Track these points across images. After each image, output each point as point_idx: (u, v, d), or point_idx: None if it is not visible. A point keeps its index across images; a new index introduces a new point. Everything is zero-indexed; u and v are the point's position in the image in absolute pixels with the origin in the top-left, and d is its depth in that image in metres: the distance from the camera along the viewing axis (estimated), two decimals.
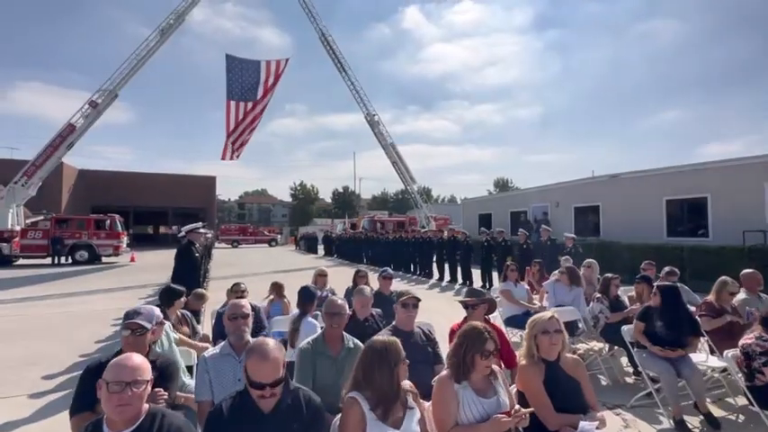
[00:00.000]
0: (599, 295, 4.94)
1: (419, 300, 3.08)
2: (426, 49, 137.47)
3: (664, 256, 11.35)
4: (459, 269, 12.76)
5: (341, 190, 73.22)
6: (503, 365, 2.90)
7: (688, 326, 3.93)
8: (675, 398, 3.57)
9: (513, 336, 5.38)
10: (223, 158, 23.33)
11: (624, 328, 4.17)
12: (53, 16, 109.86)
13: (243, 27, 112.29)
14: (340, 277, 13.95)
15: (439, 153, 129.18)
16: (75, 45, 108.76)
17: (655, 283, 4.39)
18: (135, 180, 39.30)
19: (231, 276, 11.88)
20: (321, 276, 5.34)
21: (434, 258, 14.19)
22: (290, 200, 80.00)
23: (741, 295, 4.84)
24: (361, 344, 2.82)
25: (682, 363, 3.69)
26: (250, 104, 23.19)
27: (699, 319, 4.51)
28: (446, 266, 13.70)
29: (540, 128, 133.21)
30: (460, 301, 3.48)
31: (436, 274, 14.08)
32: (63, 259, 19.67)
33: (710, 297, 4.61)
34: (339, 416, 1.99)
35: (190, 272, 5.51)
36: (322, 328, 3.24)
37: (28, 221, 21.46)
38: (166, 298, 3.67)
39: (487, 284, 11.19)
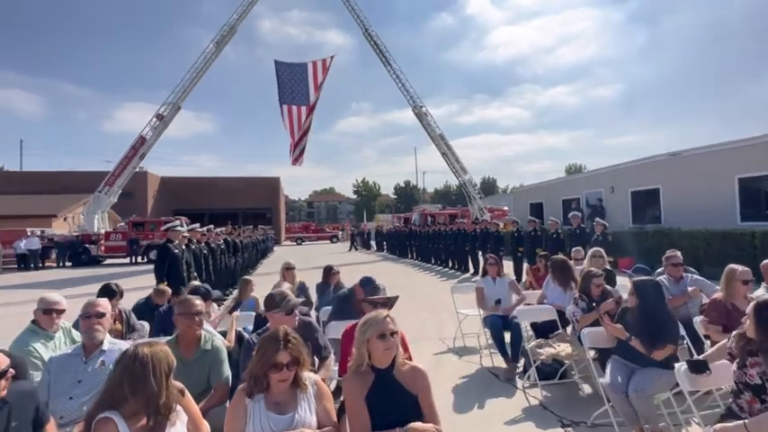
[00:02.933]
0: (577, 295, 4.29)
1: None
2: (491, 34, 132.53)
3: (731, 243, 9.77)
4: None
5: (402, 185, 73.26)
6: None
7: (664, 330, 3.14)
8: (630, 417, 2.96)
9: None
10: (293, 163, 24.33)
11: (584, 331, 3.56)
12: (147, 40, 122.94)
13: (308, 32, 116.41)
14: (373, 272, 13.84)
15: (510, 141, 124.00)
16: (167, 64, 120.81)
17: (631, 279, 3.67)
18: (209, 185, 42.65)
19: (273, 272, 12.33)
20: (288, 270, 5.25)
21: (467, 251, 13.58)
22: (354, 197, 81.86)
23: (760, 291, 3.94)
24: (220, 344, 2.69)
25: (638, 373, 3.04)
26: (303, 108, 23.87)
27: (701, 320, 3.75)
28: (479, 259, 13.05)
29: (621, 107, 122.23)
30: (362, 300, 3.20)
31: (472, 268, 13.51)
32: (139, 258, 21.95)
33: (719, 293, 3.79)
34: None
35: (170, 268, 5.76)
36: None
37: (119, 225, 24.31)
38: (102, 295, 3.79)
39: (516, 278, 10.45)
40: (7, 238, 20.58)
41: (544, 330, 4.61)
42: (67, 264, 21.06)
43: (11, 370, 1.73)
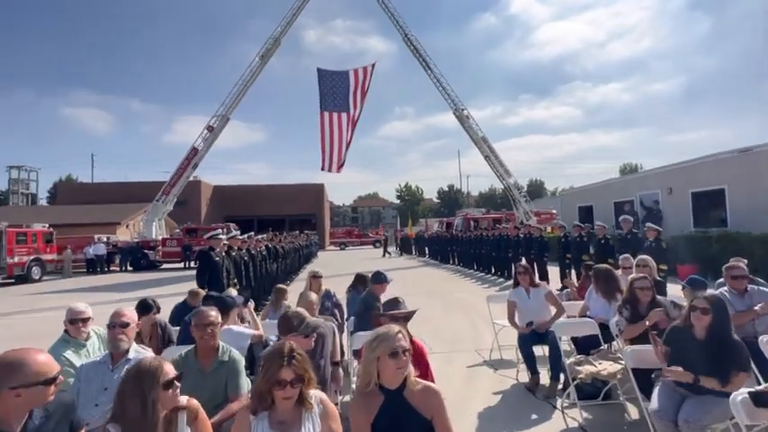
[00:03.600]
0: (619, 303, 3.96)
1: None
2: (537, 32, 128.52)
3: None
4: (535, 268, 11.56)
5: (446, 189, 72.40)
6: None
7: (729, 357, 2.73)
8: None
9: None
10: (322, 169, 24.60)
11: (628, 348, 3.25)
12: (201, 57, 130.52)
13: (351, 40, 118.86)
14: (411, 278, 13.87)
15: (559, 142, 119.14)
16: (219, 79, 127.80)
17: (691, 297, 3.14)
18: (257, 192, 44.33)
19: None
20: (315, 279, 5.24)
21: (510, 257, 13.09)
22: (398, 202, 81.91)
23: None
24: (238, 356, 2.70)
25: (690, 400, 2.71)
26: (344, 115, 24.15)
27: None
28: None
29: (681, 102, 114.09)
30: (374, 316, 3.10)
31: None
32: (192, 263, 23.13)
33: None
34: None
35: (210, 275, 5.97)
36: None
37: (174, 232, 25.86)
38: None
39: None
40: (78, 244, 22.44)
41: (586, 346, 4.28)
42: (129, 268, 22.59)
43: (60, 377, 1.80)
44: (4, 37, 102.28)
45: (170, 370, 1.80)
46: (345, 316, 5.08)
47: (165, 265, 23.56)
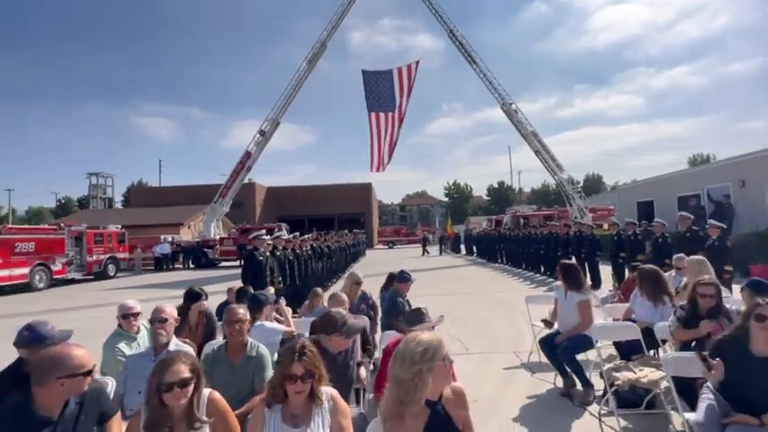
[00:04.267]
0: (681, 303, 3.65)
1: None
2: (593, 18, 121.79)
3: None
4: (586, 268, 11.01)
5: (496, 185, 70.56)
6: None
7: None
8: None
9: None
10: (371, 170, 24.96)
11: (669, 356, 3.04)
12: (254, 63, 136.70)
13: (398, 38, 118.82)
14: (457, 277, 13.50)
15: (618, 133, 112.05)
16: (271, 84, 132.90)
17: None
18: (308, 192, 45.72)
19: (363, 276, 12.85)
20: (356, 285, 5.30)
21: (560, 256, 12.55)
22: (446, 199, 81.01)
23: None
24: (265, 351, 2.85)
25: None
26: (390, 115, 24.28)
27: None
28: None
29: (762, 84, 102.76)
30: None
31: None
32: None
33: None
34: None
35: (254, 274, 6.30)
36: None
37: (231, 231, 27.39)
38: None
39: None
40: (147, 243, 24.41)
41: (628, 351, 4.06)
42: (191, 266, 24.21)
43: (96, 367, 2.06)
44: (76, 54, 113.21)
45: (177, 371, 1.88)
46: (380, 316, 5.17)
47: (222, 263, 24.99)
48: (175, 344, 2.89)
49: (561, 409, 3.94)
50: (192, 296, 4.20)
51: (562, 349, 4.09)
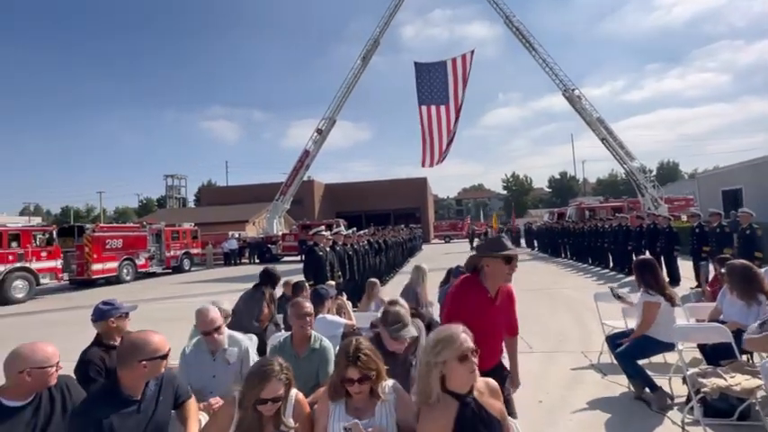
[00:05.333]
0: None
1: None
2: None
3: None
4: (662, 263, 10.17)
5: (558, 176, 67.24)
6: None
7: None
8: None
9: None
10: (423, 165, 24.68)
11: (767, 362, 2.73)
12: (309, 64, 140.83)
13: (450, 29, 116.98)
14: (522, 272, 12.78)
15: (698, 115, 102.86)
16: (327, 83, 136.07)
17: None
18: (365, 188, 46.39)
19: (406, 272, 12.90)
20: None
21: (631, 250, 11.71)
22: (504, 192, 78.61)
23: None
24: (329, 344, 2.93)
25: None
26: (443, 108, 23.85)
27: None
28: None
29: None
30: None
31: None
32: None
33: None
34: None
35: (315, 269, 6.51)
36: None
37: (292, 227, 28.58)
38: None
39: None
40: (217, 239, 26.12)
41: (716, 355, 3.70)
42: (256, 261, 25.56)
43: (171, 352, 2.24)
44: (147, 65, 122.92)
45: (274, 389, 1.93)
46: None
47: (285, 258, 26.12)
48: (229, 338, 2.94)
49: (637, 414, 3.68)
50: (267, 276, 4.51)
51: (619, 353, 3.84)
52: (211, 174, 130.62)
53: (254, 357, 2.96)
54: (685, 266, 10.06)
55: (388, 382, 2.07)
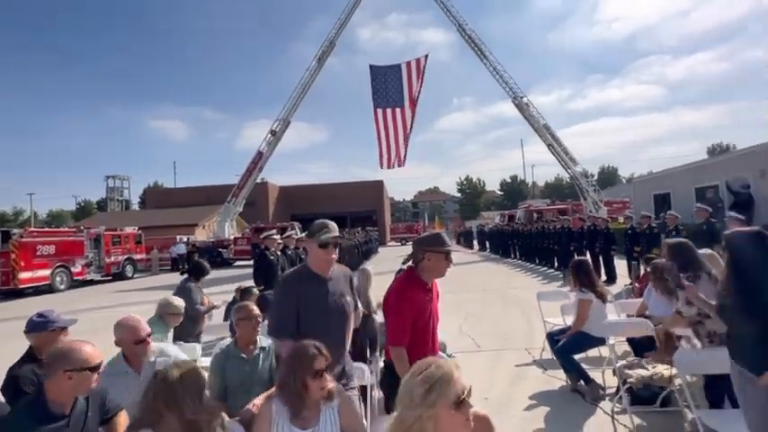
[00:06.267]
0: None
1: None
2: (604, 8, 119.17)
3: None
4: (600, 262, 10.86)
5: (509, 180, 69.96)
6: None
7: None
8: None
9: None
10: (382, 167, 24.83)
11: (680, 353, 2.99)
12: (264, 63, 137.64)
13: (406, 34, 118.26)
14: (468, 274, 13.30)
15: (635, 124, 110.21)
16: (282, 83, 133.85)
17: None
18: (320, 191, 45.95)
19: (376, 273, 12.90)
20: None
21: (573, 250, 12.39)
22: (458, 195, 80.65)
23: None
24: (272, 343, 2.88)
25: None
26: (398, 110, 24.11)
27: None
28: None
29: None
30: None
31: None
32: None
33: None
34: None
35: (266, 274, 6.38)
36: None
37: (245, 231, 27.73)
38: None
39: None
40: (164, 244, 24.87)
41: (642, 348, 4.01)
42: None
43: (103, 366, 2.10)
44: (94, 59, 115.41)
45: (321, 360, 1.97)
46: None
47: (237, 263, 25.29)
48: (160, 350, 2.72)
49: (573, 406, 3.91)
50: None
51: (557, 348, 4.09)
52: (158, 175, 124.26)
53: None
54: (621, 265, 10.79)
55: (335, 385, 2.04)
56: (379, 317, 3.84)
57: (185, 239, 25.91)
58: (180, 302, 3.79)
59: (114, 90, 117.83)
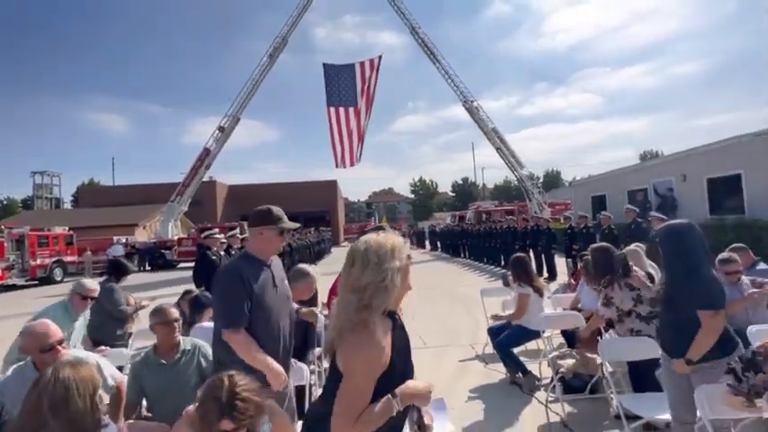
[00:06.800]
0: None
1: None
2: (550, 19, 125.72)
3: None
4: (543, 260, 11.40)
5: (460, 182, 71.89)
6: None
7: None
8: None
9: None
10: (337, 166, 24.62)
11: (603, 341, 3.18)
12: (214, 58, 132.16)
13: (361, 35, 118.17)
14: (424, 272, 13.60)
15: (577, 131, 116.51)
16: (233, 79, 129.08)
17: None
18: (272, 190, 44.67)
19: (328, 273, 12.69)
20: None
21: (518, 249, 12.93)
22: (412, 196, 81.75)
23: None
24: (203, 344, 2.72)
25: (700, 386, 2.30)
26: (352, 110, 24.02)
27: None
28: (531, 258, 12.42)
29: (709, 85, 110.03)
30: None
31: None
32: None
33: None
34: None
35: (208, 274, 6.07)
36: None
37: (190, 231, 26.42)
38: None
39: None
40: (98, 245, 23.12)
41: (574, 339, 4.23)
42: (147, 268, 23.18)
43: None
44: (25, 46, 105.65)
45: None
46: None
47: (181, 264, 24.08)
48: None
49: (511, 397, 4.04)
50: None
51: (497, 342, 4.23)
52: (94, 172, 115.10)
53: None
54: (562, 263, 11.38)
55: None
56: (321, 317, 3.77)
57: (123, 240, 24.29)
58: (92, 285, 3.58)
59: (42, 78, 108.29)
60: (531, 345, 4.87)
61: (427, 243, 29.63)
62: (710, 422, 2.15)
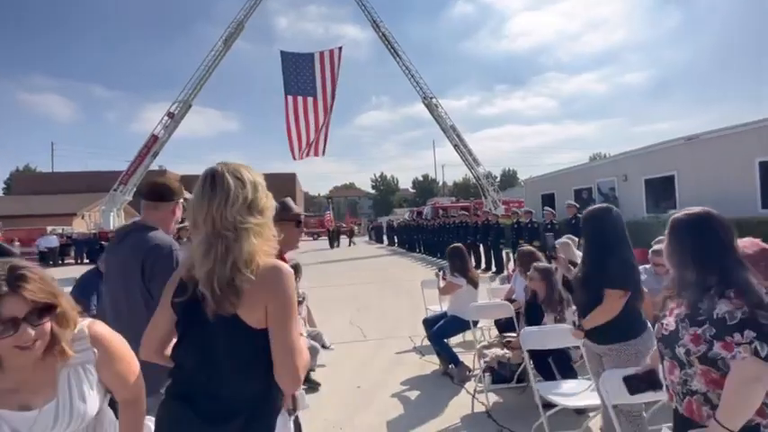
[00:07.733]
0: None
1: None
2: (511, 22, 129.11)
3: (750, 231, 8.98)
4: (491, 253, 11.64)
5: (421, 178, 72.69)
6: None
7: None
8: None
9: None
10: (294, 157, 23.93)
11: (523, 331, 3.17)
12: (168, 42, 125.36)
13: (325, 26, 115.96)
14: (373, 267, 13.60)
15: (534, 132, 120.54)
16: (187, 64, 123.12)
17: None
18: None
19: None
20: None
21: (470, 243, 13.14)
22: (373, 192, 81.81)
23: None
24: None
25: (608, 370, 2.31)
26: (311, 100, 23.39)
27: None
28: (481, 252, 12.66)
29: (654, 94, 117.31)
30: None
31: (473, 261, 13.10)
32: None
33: None
34: None
35: None
36: None
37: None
38: None
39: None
40: (28, 236, 21.39)
41: (506, 329, 4.25)
42: (85, 260, 21.68)
43: None
44: None
45: None
46: None
47: None
48: None
49: (442, 388, 4.00)
50: None
51: (432, 333, 4.19)
52: (31, 157, 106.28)
53: None
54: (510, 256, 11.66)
55: (84, 323, 1.21)
56: None
57: (58, 230, 22.60)
58: None
59: None
60: (468, 336, 4.87)
61: (385, 238, 29.65)
62: (613, 408, 2.15)
